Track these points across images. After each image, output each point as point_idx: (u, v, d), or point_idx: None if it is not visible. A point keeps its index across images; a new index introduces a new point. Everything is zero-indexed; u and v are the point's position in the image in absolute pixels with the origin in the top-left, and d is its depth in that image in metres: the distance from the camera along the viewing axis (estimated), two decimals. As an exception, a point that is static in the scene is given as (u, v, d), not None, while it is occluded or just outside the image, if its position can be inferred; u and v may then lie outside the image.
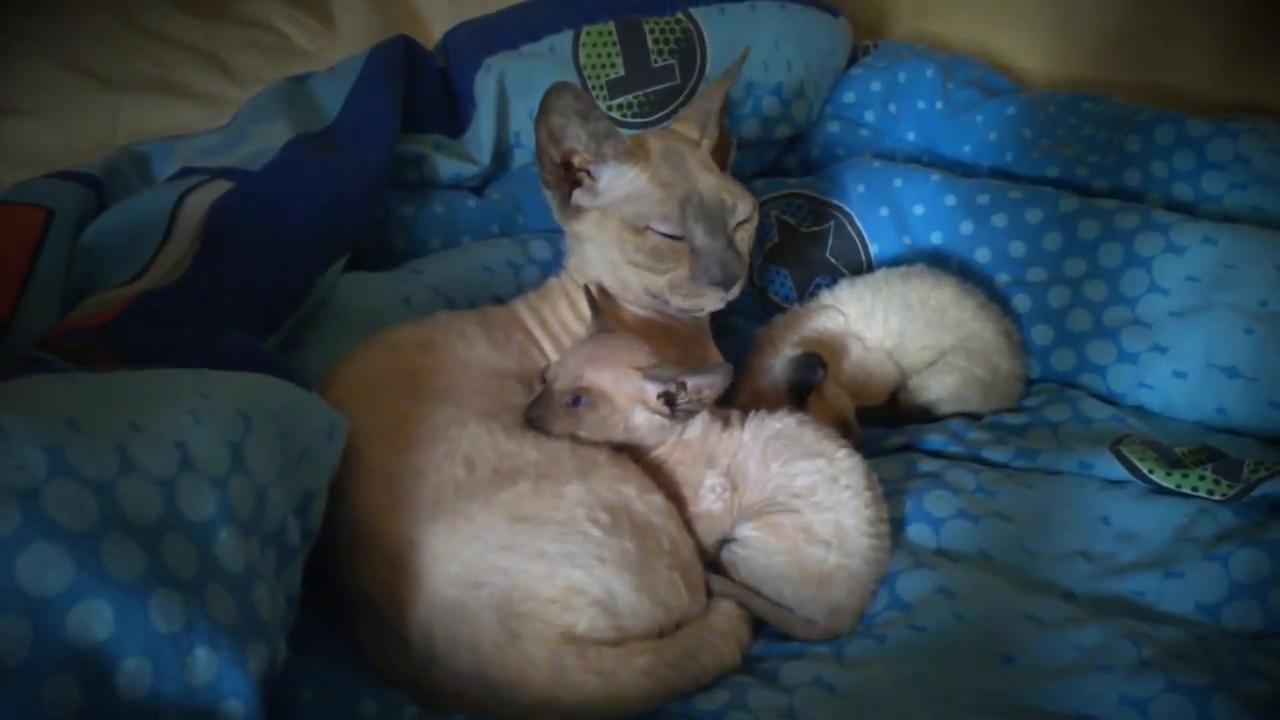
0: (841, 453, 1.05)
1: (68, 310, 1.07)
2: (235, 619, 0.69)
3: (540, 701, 0.86)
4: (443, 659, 0.88)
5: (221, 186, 1.19)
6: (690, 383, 1.02)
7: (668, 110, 1.53)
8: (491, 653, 0.86)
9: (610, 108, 1.52)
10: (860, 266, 1.55)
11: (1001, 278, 1.45)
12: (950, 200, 1.50)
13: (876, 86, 1.70)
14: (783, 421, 1.06)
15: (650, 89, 1.53)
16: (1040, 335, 1.42)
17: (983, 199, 1.48)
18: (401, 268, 1.35)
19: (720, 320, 1.33)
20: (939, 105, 1.67)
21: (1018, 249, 1.45)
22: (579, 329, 1.17)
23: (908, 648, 0.96)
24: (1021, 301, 1.44)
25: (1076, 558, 1.08)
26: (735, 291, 1.17)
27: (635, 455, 1.04)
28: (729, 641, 0.96)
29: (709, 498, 1.04)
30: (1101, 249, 1.39)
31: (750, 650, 0.99)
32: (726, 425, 1.07)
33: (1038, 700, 0.90)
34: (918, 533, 1.10)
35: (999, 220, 1.46)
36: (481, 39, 1.54)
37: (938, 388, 1.32)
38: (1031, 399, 1.37)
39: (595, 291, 1.15)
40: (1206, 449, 1.21)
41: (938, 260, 1.49)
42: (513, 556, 0.89)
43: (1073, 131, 1.58)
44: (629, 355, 1.03)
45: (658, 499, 0.99)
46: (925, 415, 1.33)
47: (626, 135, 1.18)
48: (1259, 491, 1.09)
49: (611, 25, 1.53)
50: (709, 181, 1.17)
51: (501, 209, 1.50)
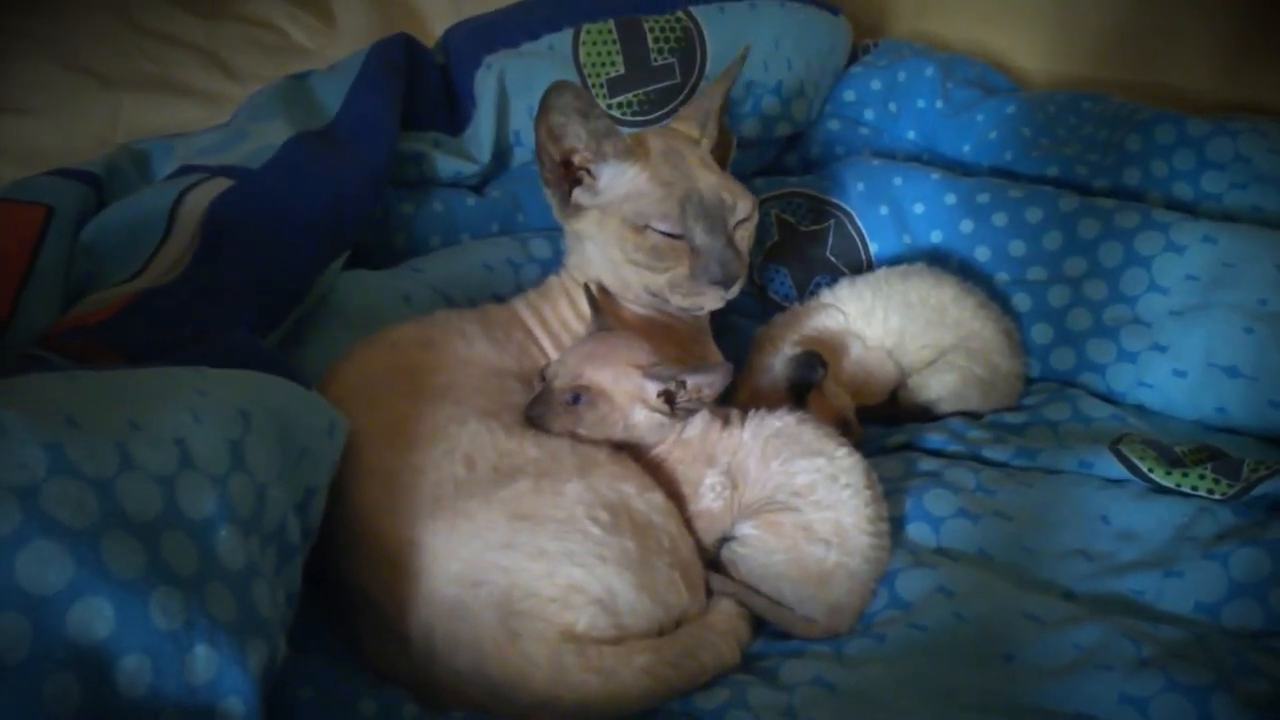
0: (841, 451, 1.05)
1: (68, 308, 1.07)
2: (235, 617, 0.69)
3: (540, 700, 0.86)
4: (443, 657, 0.88)
5: (221, 184, 1.20)
6: (690, 381, 1.02)
7: (668, 109, 1.53)
8: (491, 651, 0.86)
9: (610, 106, 1.52)
10: (860, 265, 1.55)
11: (1001, 277, 1.45)
12: (950, 199, 1.50)
13: (876, 85, 1.70)
14: (782, 420, 1.06)
15: (650, 87, 1.53)
16: (1040, 334, 1.42)
17: (983, 198, 1.48)
18: (401, 266, 1.35)
19: (720, 319, 1.32)
20: (939, 104, 1.67)
21: (1018, 248, 1.45)
22: (579, 327, 1.17)
23: (907, 646, 0.96)
24: (1021, 300, 1.44)
25: (1076, 557, 1.08)
26: (735, 290, 1.17)
27: (635, 454, 1.04)
28: (729, 640, 0.96)
29: (709, 496, 1.04)
30: (1101, 248, 1.39)
31: (750, 649, 0.99)
32: (726, 424, 1.07)
33: (1037, 699, 0.90)
34: (917, 531, 1.10)
35: (999, 219, 1.46)
36: (481, 37, 1.54)
37: (938, 386, 1.32)
38: (1031, 398, 1.37)
39: (595, 290, 1.15)
40: (1206, 448, 1.21)
41: (938, 259, 1.49)
42: (513, 555, 0.89)
43: (1073, 131, 1.58)
44: (629, 354, 1.03)
45: (658, 497, 0.99)
46: (925, 414, 1.33)
47: (626, 134, 1.18)
48: (1259, 491, 1.09)
49: (611, 23, 1.53)
50: (709, 180, 1.17)
51: (501, 207, 1.50)
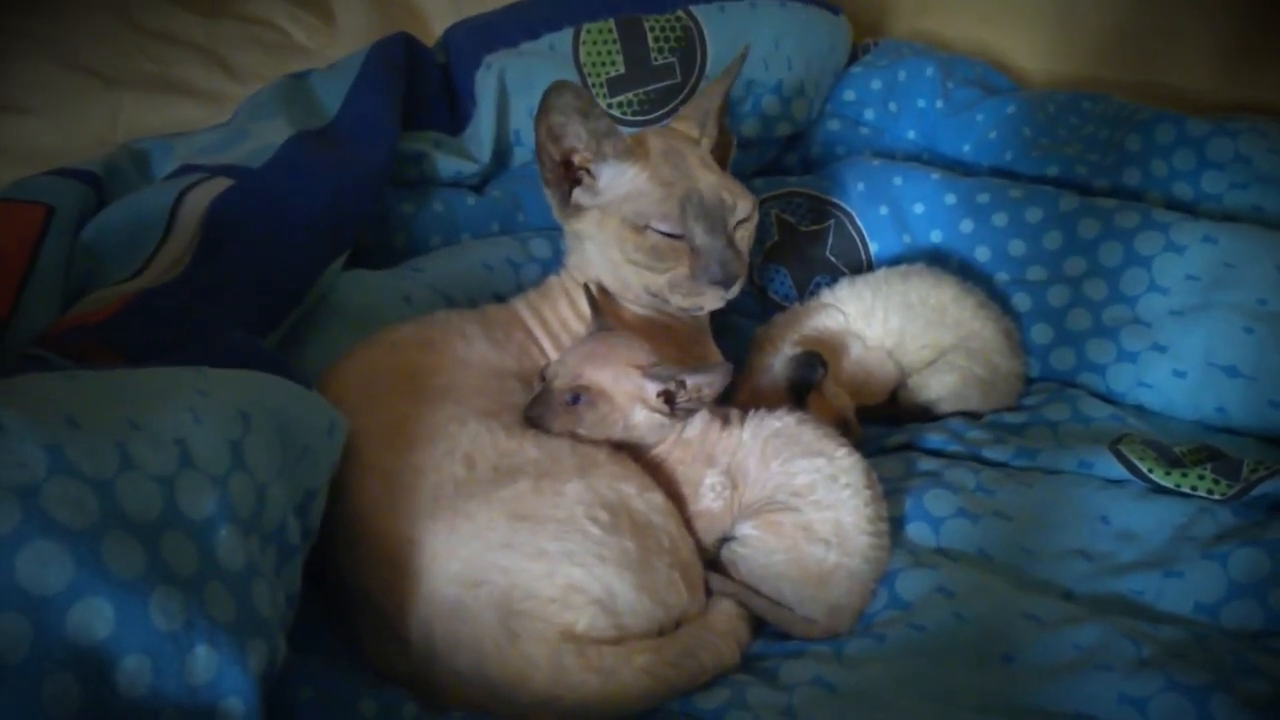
0: (841, 451, 1.05)
1: (67, 307, 1.07)
2: (235, 617, 0.69)
3: (540, 700, 0.86)
4: (442, 657, 0.88)
5: (221, 184, 1.19)
6: (690, 381, 1.02)
7: (668, 108, 1.53)
8: (491, 651, 0.86)
9: (610, 106, 1.52)
10: (860, 265, 1.55)
11: (1001, 276, 1.45)
12: (950, 199, 1.50)
13: (877, 85, 1.70)
14: (782, 420, 1.06)
15: (650, 87, 1.53)
16: (1040, 334, 1.42)
17: (983, 198, 1.48)
18: (401, 266, 1.35)
19: (720, 319, 1.32)
20: (939, 104, 1.67)
21: (1017, 248, 1.44)
22: (579, 327, 1.17)
23: (907, 647, 0.96)
24: (1021, 300, 1.44)
25: (1076, 557, 1.08)
26: (735, 290, 1.16)
27: (635, 454, 1.04)
28: (728, 640, 0.96)
29: (709, 496, 1.04)
30: (1101, 248, 1.39)
31: (750, 649, 0.99)
32: (726, 424, 1.07)
33: (1037, 699, 0.90)
34: (917, 532, 1.10)
35: (999, 219, 1.46)
36: (482, 36, 1.54)
37: (937, 386, 1.32)
38: (1031, 398, 1.37)
39: (595, 290, 1.15)
40: (1206, 448, 1.21)
41: (937, 259, 1.49)
42: (512, 555, 0.89)
43: (1073, 130, 1.58)
44: (628, 354, 1.03)
45: (657, 497, 0.99)
46: (925, 414, 1.33)
47: (626, 133, 1.18)
48: (1258, 491, 1.09)
49: (611, 23, 1.53)
50: (709, 180, 1.17)
51: (501, 207, 1.49)
